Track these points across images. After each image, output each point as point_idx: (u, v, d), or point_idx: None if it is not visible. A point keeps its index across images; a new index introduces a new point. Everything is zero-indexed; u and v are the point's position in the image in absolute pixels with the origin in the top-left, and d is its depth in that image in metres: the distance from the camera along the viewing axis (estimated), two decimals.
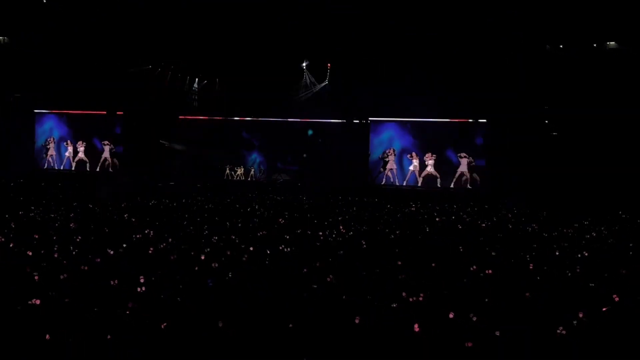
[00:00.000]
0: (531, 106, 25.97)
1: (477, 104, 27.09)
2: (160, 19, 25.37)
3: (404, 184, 29.82)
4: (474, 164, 28.54)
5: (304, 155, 31.86)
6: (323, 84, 30.76)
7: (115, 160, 33.43)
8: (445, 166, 29.29)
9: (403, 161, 30.25)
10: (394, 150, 30.19)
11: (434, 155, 29.37)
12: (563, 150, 25.46)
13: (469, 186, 28.62)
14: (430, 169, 29.40)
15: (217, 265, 11.09)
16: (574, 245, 14.53)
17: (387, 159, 30.27)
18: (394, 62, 27.59)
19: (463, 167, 28.73)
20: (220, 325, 7.94)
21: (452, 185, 28.83)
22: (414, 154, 29.80)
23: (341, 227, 16.47)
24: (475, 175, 28.54)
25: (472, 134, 28.99)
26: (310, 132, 31.95)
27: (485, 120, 28.32)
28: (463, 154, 28.71)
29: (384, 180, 30.29)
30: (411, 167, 29.86)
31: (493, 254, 13.11)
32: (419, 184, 29.51)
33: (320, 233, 15.24)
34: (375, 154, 30.56)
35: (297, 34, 25.86)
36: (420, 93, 27.70)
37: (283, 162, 32.51)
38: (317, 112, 30.84)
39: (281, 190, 27.54)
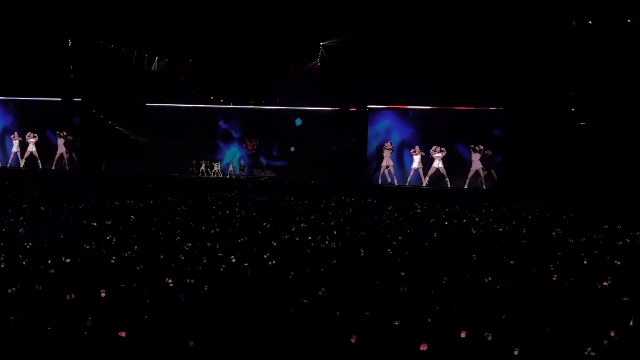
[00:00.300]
0: (555, 92, 26.04)
1: (492, 89, 27.15)
2: None
3: (406, 184, 29.69)
4: (490, 154, 28.43)
5: (292, 148, 31.82)
6: (313, 63, 30.73)
7: (73, 155, 33.21)
8: (456, 164, 29.21)
9: (404, 157, 30.15)
10: (391, 144, 30.08)
11: (443, 149, 29.18)
12: (592, 142, 25.53)
13: (484, 187, 28.49)
14: (438, 164, 29.20)
15: (190, 277, 11.06)
16: (604, 253, 14.55)
17: (382, 154, 30.17)
18: (396, 43, 27.67)
19: (477, 164, 28.57)
20: (192, 345, 7.94)
21: (465, 186, 28.69)
22: (417, 148, 29.67)
23: (335, 232, 16.47)
24: (493, 171, 28.48)
25: (487, 124, 28.98)
26: (298, 121, 31.89)
27: (502, 108, 28.34)
28: (478, 147, 28.57)
29: (379, 179, 30.23)
30: (414, 165, 29.66)
31: (511, 263, 13.12)
32: (424, 184, 29.38)
33: (311, 239, 15.23)
34: (371, 147, 30.55)
35: (283, 8, 25.82)
36: (426, 77, 27.78)
37: (267, 157, 32.50)
38: (308, 99, 30.82)
39: (266, 190, 27.50)
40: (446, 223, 19.23)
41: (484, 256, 13.64)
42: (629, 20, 24.77)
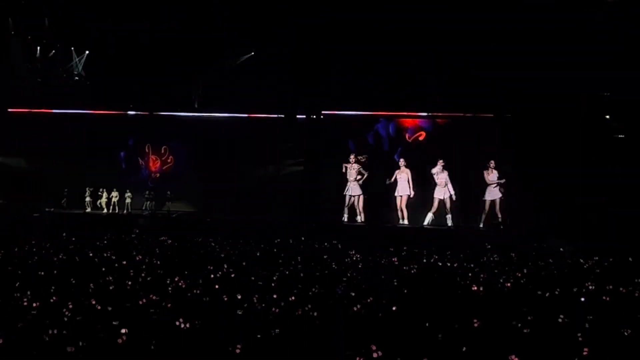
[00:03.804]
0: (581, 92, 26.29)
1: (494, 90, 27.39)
2: None
3: (401, 223, 29.69)
4: (503, 181, 28.56)
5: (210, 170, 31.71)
6: (247, 56, 30.72)
7: None
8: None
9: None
10: (362, 159, 30.06)
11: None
12: (635, 160, 25.87)
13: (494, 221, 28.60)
14: (444, 194, 29.25)
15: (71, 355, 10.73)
16: None
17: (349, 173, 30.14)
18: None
19: (493, 191, 28.57)
20: None
21: (481, 225, 28.84)
22: (401, 162, 29.73)
23: (275, 297, 16.06)
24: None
25: (488, 137, 29.15)
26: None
27: (509, 116, 28.55)
28: (492, 164, 28.66)
29: (345, 215, 30.21)
30: (399, 190, 29.75)
31: (525, 331, 12.94)
32: (403, 219, 29.50)
33: (242, 298, 14.91)
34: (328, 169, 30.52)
35: None
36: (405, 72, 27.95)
37: (177, 183, 32.34)
38: (238, 102, 30.75)
39: (178, 229, 27.16)
40: (436, 276, 19.09)
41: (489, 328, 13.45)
42: None
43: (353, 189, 29.99)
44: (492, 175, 28.63)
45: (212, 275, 17.79)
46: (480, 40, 26.92)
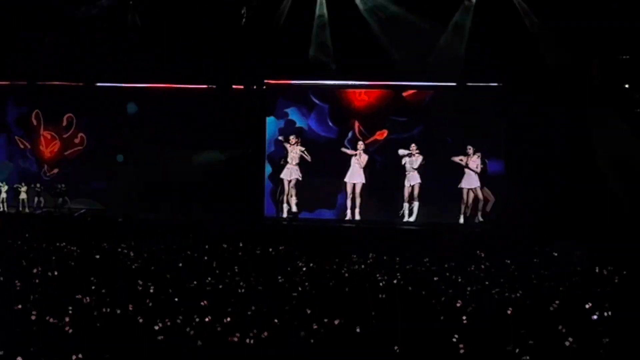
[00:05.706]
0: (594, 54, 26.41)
1: (481, 53, 27.54)
2: None
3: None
4: (483, 166, 28.63)
5: (119, 157, 31.46)
6: None
7: None
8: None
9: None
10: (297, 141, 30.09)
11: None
12: None
13: (480, 218, 28.77)
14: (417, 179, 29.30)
15: None
16: None
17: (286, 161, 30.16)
18: None
19: (472, 179, 28.70)
20: None
21: (461, 220, 29.03)
22: (360, 145, 29.77)
23: (208, 319, 15.88)
24: (486, 190, 28.70)
25: (474, 111, 29.18)
26: (132, 108, 31.65)
27: (500, 84, 28.71)
28: (470, 148, 28.76)
29: (284, 210, 30.23)
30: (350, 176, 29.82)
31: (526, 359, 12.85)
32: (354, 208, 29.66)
33: (166, 321, 14.67)
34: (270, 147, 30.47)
35: None
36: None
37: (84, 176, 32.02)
38: (153, 69, 30.39)
39: (80, 232, 26.87)
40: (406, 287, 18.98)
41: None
42: None
43: (292, 173, 29.98)
44: (473, 160, 28.58)
45: (124, 291, 17.63)
46: None
